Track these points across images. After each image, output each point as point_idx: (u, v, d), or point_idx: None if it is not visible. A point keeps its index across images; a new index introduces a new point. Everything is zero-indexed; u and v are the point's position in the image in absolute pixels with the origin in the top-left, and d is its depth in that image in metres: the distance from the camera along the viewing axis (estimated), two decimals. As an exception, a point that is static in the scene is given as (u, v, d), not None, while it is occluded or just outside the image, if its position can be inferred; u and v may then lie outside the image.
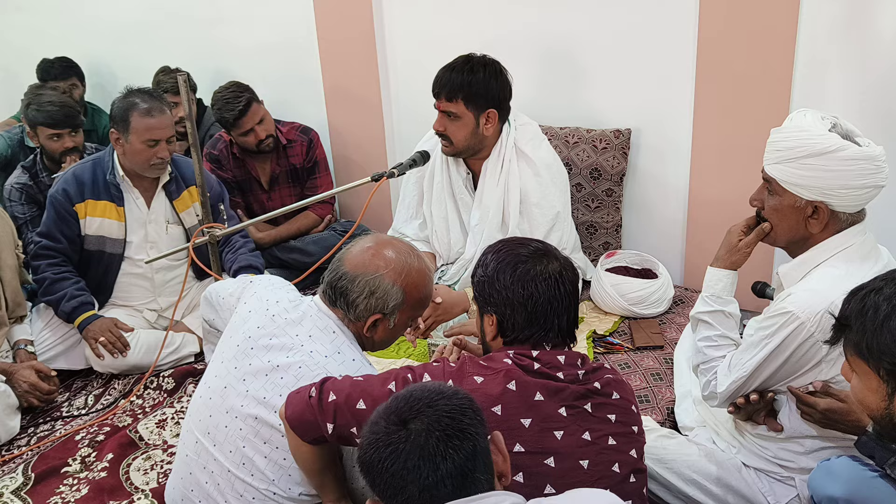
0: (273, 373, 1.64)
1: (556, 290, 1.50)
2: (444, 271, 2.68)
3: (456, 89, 2.43)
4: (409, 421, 1.14)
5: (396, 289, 1.67)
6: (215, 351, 1.80)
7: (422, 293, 1.74)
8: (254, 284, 1.85)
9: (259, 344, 1.68)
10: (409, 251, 1.74)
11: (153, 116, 2.58)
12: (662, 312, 2.70)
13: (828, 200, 1.67)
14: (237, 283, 1.95)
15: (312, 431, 1.49)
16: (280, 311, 1.72)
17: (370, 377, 1.53)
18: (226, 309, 1.92)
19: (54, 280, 2.65)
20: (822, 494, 1.57)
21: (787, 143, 1.70)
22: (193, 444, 1.72)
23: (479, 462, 1.14)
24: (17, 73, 4.34)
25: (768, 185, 1.78)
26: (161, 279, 2.81)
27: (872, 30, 2.39)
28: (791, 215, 1.73)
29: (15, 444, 2.36)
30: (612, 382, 1.53)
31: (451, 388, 1.21)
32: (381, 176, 2.25)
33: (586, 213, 2.97)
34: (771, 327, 1.69)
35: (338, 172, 3.68)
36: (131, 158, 2.63)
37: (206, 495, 1.68)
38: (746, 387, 1.76)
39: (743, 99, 2.60)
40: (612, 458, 1.47)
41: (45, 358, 2.64)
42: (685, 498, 1.87)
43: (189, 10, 3.90)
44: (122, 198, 2.69)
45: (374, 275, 1.66)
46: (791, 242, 1.78)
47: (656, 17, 2.73)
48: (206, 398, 1.72)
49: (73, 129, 3.12)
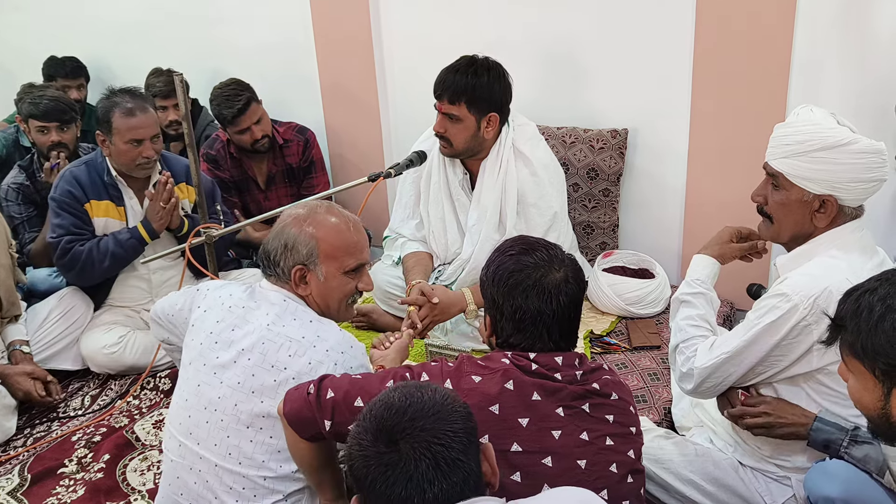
0: (240, 357, 1.66)
1: (548, 305, 1.46)
2: (441, 271, 2.68)
3: (459, 92, 2.40)
4: (398, 440, 1.11)
5: (304, 235, 1.71)
6: (182, 356, 1.80)
7: (340, 237, 1.74)
8: (202, 290, 1.86)
9: (222, 337, 1.70)
10: (317, 205, 1.79)
11: (135, 115, 2.56)
12: (659, 312, 2.71)
13: (837, 194, 1.67)
14: (183, 295, 1.91)
15: (310, 428, 1.50)
16: (236, 302, 1.74)
17: (369, 375, 1.53)
18: (178, 324, 1.90)
19: (93, 246, 2.63)
20: (818, 495, 1.58)
21: (796, 137, 1.68)
22: (177, 448, 1.71)
23: (469, 485, 1.12)
24: (15, 73, 4.33)
25: (773, 179, 1.76)
26: (158, 279, 2.81)
27: (869, 30, 2.39)
28: (798, 210, 1.72)
29: (11, 445, 2.35)
30: (610, 383, 1.53)
31: (443, 401, 1.16)
32: (377, 176, 2.24)
33: (583, 213, 2.97)
34: (762, 308, 1.69)
35: (334, 172, 3.68)
36: (117, 159, 2.63)
37: (195, 496, 1.68)
38: (728, 371, 1.74)
39: (740, 99, 2.61)
40: (609, 458, 1.47)
41: (41, 358, 2.63)
42: (682, 498, 1.87)
43: (187, 10, 3.89)
44: (122, 197, 2.69)
45: (280, 229, 1.74)
46: (795, 237, 1.77)
47: (654, 18, 2.73)
48: (182, 401, 1.72)
49: (62, 124, 3.07)
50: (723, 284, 2.79)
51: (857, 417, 1.63)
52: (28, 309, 2.75)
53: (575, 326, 1.53)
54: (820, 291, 1.60)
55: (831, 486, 1.55)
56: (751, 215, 2.69)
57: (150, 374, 2.63)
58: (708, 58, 2.63)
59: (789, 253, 1.79)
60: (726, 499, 1.83)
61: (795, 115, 1.75)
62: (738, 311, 2.82)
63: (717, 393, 1.82)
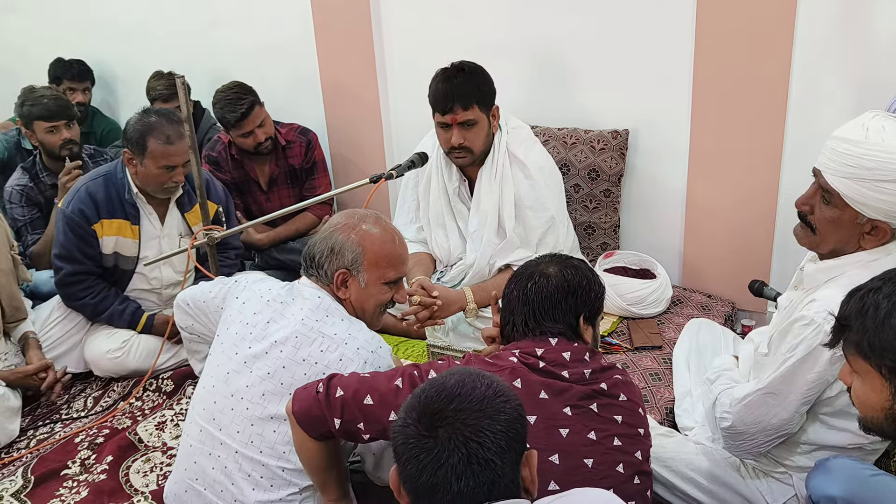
0: (272, 348, 1.71)
1: (528, 283, 1.60)
2: (443, 273, 2.68)
3: (470, 95, 2.40)
4: (438, 427, 1.10)
5: (351, 242, 1.79)
6: (213, 344, 1.84)
7: (382, 248, 1.82)
8: (241, 281, 1.92)
9: (257, 329, 1.75)
10: (367, 214, 1.87)
11: (172, 144, 2.53)
12: (661, 312, 2.71)
13: (893, 222, 1.58)
14: (217, 285, 1.97)
15: (319, 427, 1.51)
16: (274, 296, 1.80)
17: (377, 373, 1.55)
18: (210, 312, 1.96)
19: (96, 304, 2.68)
20: (820, 494, 1.57)
21: (865, 162, 1.53)
22: (198, 433, 1.74)
23: (498, 488, 1.10)
24: (17, 73, 4.34)
25: (825, 194, 1.63)
26: (168, 294, 2.80)
27: (869, 33, 2.39)
28: (847, 230, 1.62)
29: (14, 447, 2.36)
30: (619, 384, 1.54)
31: (494, 396, 1.14)
32: (379, 177, 2.25)
33: (584, 214, 2.97)
34: (794, 339, 1.62)
35: (336, 173, 3.69)
36: (144, 180, 2.60)
37: (211, 481, 1.70)
38: (770, 409, 1.66)
39: (740, 99, 2.61)
40: (616, 458, 1.48)
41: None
42: (684, 496, 1.88)
43: (188, 11, 3.89)
44: (138, 216, 2.66)
45: (329, 233, 1.82)
46: (835, 252, 1.67)
47: (654, 19, 2.73)
48: (210, 387, 1.76)
49: (69, 121, 3.09)
50: (724, 283, 2.83)
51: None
52: (34, 308, 2.76)
53: (575, 316, 1.60)
54: None
55: (833, 484, 1.55)
56: (750, 215, 2.72)
57: (152, 376, 2.64)
58: (708, 58, 2.64)
59: (820, 262, 1.70)
60: (727, 497, 1.84)
61: (864, 128, 1.57)
62: (740, 310, 2.82)
63: (768, 442, 1.74)
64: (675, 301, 2.78)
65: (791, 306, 1.75)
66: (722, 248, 2.83)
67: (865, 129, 1.56)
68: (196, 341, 2.12)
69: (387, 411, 1.45)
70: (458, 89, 2.40)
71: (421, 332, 2.49)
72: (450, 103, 2.40)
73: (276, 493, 1.66)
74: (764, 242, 2.71)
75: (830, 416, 1.70)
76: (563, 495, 1.23)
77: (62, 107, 3.09)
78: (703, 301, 2.80)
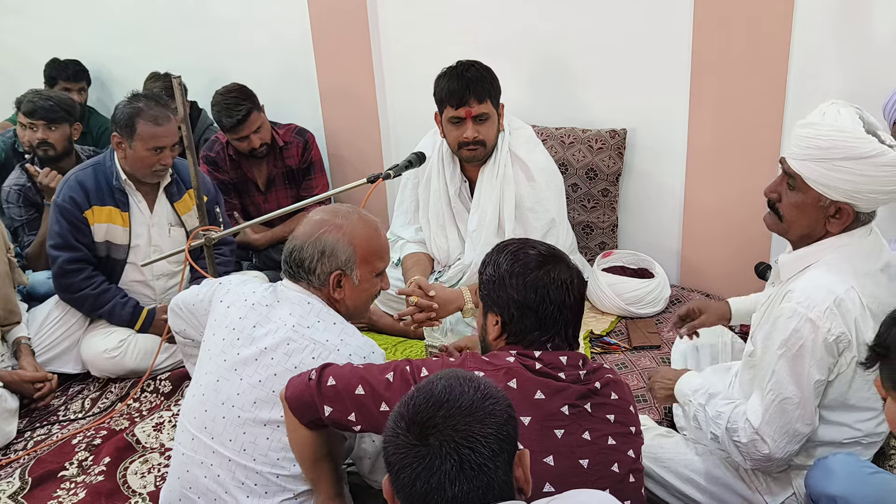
0: (262, 355, 1.68)
1: (566, 298, 1.51)
2: (441, 272, 2.68)
3: (485, 89, 2.42)
4: (429, 435, 1.09)
5: (342, 242, 1.75)
6: (201, 351, 1.82)
7: (372, 243, 1.80)
8: (224, 284, 1.89)
9: (244, 334, 1.72)
10: (348, 210, 1.82)
11: (160, 124, 2.56)
12: (659, 312, 2.71)
13: (854, 203, 1.61)
14: (204, 287, 1.96)
15: (310, 413, 1.52)
16: (258, 299, 1.77)
17: (370, 365, 1.56)
18: (199, 315, 1.94)
19: (96, 296, 2.66)
20: (820, 492, 1.58)
21: (820, 143, 1.59)
22: (190, 442, 1.73)
23: (493, 491, 1.09)
24: (15, 76, 4.33)
25: (789, 179, 1.68)
26: (161, 286, 2.80)
27: (867, 31, 2.40)
28: (812, 213, 1.66)
29: (12, 449, 2.35)
30: (610, 383, 1.54)
31: (483, 400, 1.13)
32: (377, 177, 2.24)
33: (582, 214, 2.97)
34: (780, 335, 1.63)
35: (333, 174, 3.68)
36: (133, 164, 2.61)
37: (205, 490, 1.69)
38: (790, 413, 1.63)
39: (738, 98, 2.61)
40: (611, 457, 1.48)
41: (41, 361, 2.62)
42: (682, 496, 1.87)
43: (185, 12, 3.89)
44: (127, 202, 2.67)
45: (317, 236, 1.76)
46: (803, 238, 1.71)
47: (652, 18, 2.74)
48: (200, 395, 1.74)
49: (49, 123, 3.04)
50: (722, 282, 2.83)
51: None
52: (29, 310, 2.74)
53: (580, 323, 1.57)
54: (831, 302, 1.58)
55: (833, 483, 1.55)
56: (748, 214, 2.72)
57: (150, 377, 2.63)
58: (706, 58, 2.64)
59: (793, 252, 1.74)
60: (727, 497, 1.83)
61: (822, 113, 1.64)
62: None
63: (798, 448, 1.69)
64: (673, 300, 2.78)
65: (770, 302, 1.77)
66: (720, 248, 2.83)
67: (822, 113, 1.64)
68: (190, 345, 2.10)
69: (377, 403, 1.46)
70: (473, 83, 2.41)
71: (419, 333, 2.49)
72: (466, 96, 2.41)
73: (271, 500, 1.65)
74: (761, 241, 2.70)
75: (825, 411, 1.70)
76: (559, 497, 1.23)
77: (45, 108, 3.03)
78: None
